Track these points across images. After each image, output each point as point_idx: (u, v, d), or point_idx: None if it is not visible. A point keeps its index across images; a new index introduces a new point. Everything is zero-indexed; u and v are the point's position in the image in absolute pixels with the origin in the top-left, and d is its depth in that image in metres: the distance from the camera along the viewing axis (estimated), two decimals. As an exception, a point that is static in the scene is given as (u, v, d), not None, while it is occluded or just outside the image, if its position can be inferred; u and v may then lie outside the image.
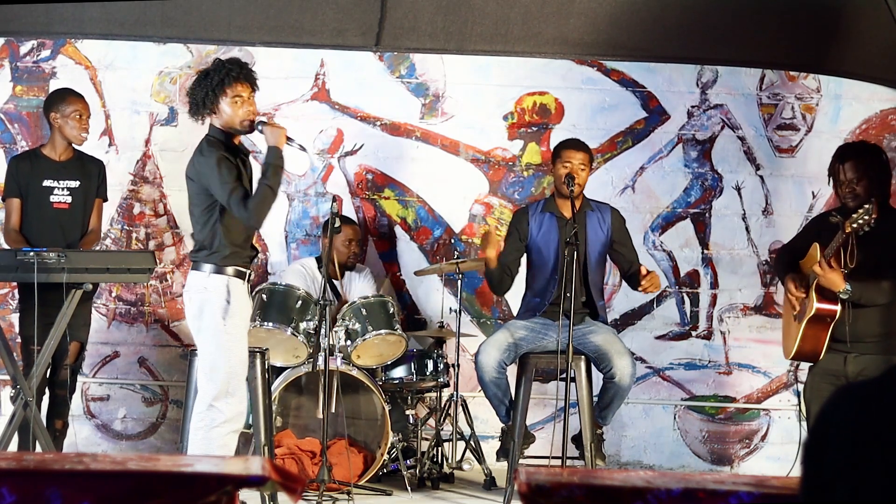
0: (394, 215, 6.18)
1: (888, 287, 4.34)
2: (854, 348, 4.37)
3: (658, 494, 2.13)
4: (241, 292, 4.31)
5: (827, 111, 6.15)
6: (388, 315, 5.40)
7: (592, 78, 6.16)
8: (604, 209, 5.28)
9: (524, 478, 2.22)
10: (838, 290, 4.27)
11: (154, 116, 6.08)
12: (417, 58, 6.14)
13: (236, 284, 4.29)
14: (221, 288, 4.27)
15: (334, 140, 6.14)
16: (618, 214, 5.30)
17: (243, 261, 4.35)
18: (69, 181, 5.10)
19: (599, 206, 5.29)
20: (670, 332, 6.17)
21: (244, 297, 4.35)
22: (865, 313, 4.34)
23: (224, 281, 4.27)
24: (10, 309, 5.86)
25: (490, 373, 5.07)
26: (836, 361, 4.39)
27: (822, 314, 4.34)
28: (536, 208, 5.31)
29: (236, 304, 4.27)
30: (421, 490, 5.33)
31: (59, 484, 2.14)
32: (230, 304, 4.25)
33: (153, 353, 6.10)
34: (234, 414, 4.26)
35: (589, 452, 5.04)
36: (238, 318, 4.29)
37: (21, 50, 6.05)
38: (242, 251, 4.35)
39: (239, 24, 5.94)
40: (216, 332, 4.24)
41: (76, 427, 5.68)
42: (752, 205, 6.15)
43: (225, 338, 4.25)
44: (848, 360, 4.37)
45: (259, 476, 2.23)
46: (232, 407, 4.25)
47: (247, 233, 4.38)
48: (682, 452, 6.16)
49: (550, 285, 5.18)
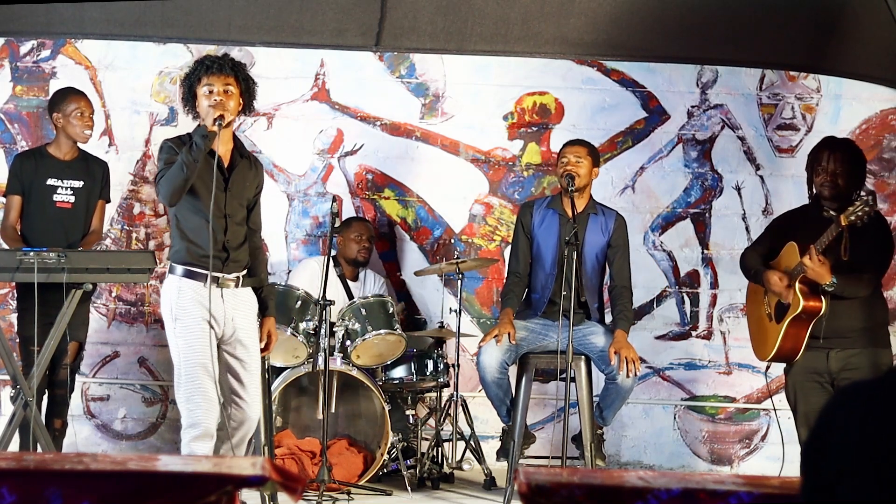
0: (394, 215, 6.18)
1: (868, 279, 4.36)
2: (835, 344, 4.36)
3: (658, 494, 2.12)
4: (193, 294, 4.14)
5: (827, 111, 6.15)
6: (387, 315, 5.41)
7: (592, 78, 6.16)
8: (609, 215, 5.27)
9: (524, 478, 2.22)
10: (824, 282, 4.26)
11: (154, 116, 6.08)
12: (417, 58, 6.14)
13: (188, 285, 4.16)
14: (170, 289, 4.21)
15: (334, 140, 6.15)
16: (622, 223, 5.27)
17: (199, 261, 4.14)
18: (73, 181, 5.11)
19: (605, 211, 5.29)
20: (670, 332, 6.17)
21: (198, 299, 4.13)
22: (844, 308, 4.34)
23: (174, 282, 4.19)
24: (10, 309, 5.86)
25: (492, 373, 5.07)
26: (818, 359, 4.38)
27: (809, 311, 4.33)
28: (542, 203, 5.34)
29: (188, 305, 4.14)
30: (421, 490, 5.33)
31: (59, 484, 2.14)
32: (178, 306, 4.15)
33: (153, 353, 6.09)
34: (193, 420, 4.13)
35: (589, 452, 5.04)
36: (190, 320, 4.14)
37: (21, 50, 6.05)
38: (198, 249, 4.15)
39: (239, 24, 5.94)
40: (168, 334, 4.21)
41: (76, 427, 5.68)
42: (752, 205, 6.15)
43: (174, 341, 4.18)
44: (830, 357, 4.36)
45: (259, 476, 2.23)
46: (191, 413, 4.14)
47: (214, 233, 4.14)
48: (682, 452, 6.16)
49: (549, 282, 5.19)
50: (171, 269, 4.22)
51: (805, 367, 4.42)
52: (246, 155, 4.40)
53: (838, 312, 4.33)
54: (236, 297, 4.28)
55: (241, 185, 4.32)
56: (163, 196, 4.20)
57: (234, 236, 4.27)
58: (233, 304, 4.25)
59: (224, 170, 4.26)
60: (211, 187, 4.11)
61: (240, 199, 4.31)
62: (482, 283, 6.16)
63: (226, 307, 4.22)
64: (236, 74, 4.23)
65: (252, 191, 4.39)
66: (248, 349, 4.31)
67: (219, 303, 4.19)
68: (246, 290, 4.35)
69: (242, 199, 4.33)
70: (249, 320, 4.34)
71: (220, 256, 4.20)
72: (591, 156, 5.20)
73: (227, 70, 4.20)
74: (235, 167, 4.30)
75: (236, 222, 4.29)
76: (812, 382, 4.39)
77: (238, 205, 4.30)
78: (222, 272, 4.22)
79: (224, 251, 4.23)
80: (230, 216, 4.25)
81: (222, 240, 4.22)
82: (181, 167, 4.07)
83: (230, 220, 4.25)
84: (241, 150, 4.38)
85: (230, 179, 4.26)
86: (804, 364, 4.42)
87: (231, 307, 4.25)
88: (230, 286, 4.25)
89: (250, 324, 4.34)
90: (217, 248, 4.18)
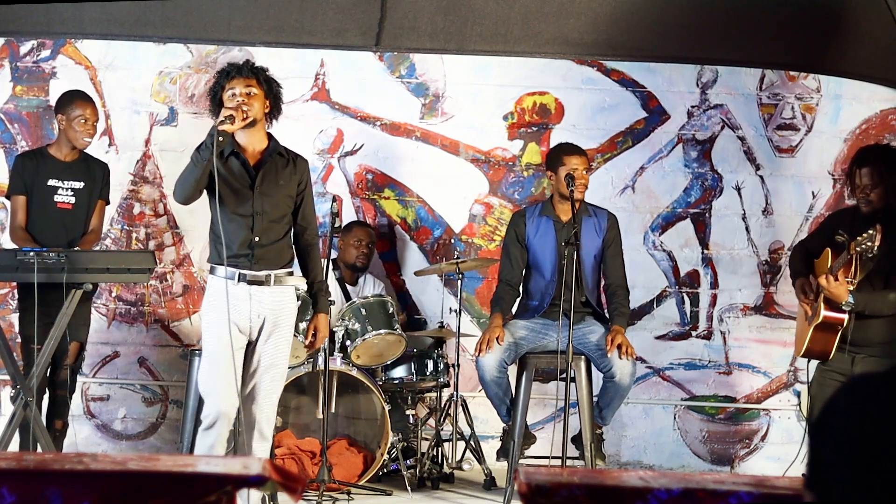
0: (394, 215, 6.18)
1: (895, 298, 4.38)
2: (863, 351, 4.42)
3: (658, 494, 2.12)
4: (218, 290, 4.22)
5: (827, 111, 6.15)
6: (387, 315, 5.41)
7: (592, 78, 6.16)
8: (601, 214, 5.29)
9: (524, 478, 2.22)
10: (841, 302, 4.31)
11: (154, 116, 6.08)
12: (417, 58, 6.14)
13: (216, 284, 4.26)
14: (207, 288, 4.36)
15: (334, 140, 6.15)
16: (614, 222, 5.30)
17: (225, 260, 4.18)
18: (73, 182, 5.10)
19: (597, 211, 5.30)
20: (670, 332, 6.17)
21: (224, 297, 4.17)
22: (876, 320, 4.39)
23: (209, 282, 4.34)
24: (10, 309, 5.86)
25: (491, 372, 5.07)
26: (845, 361, 4.43)
27: (830, 322, 4.40)
28: (534, 211, 5.33)
29: (213, 300, 4.25)
30: (421, 490, 5.33)
31: (59, 484, 2.14)
32: (208, 303, 4.29)
33: (153, 353, 6.09)
34: (203, 413, 4.26)
35: (589, 452, 5.04)
36: (212, 316, 4.25)
37: (21, 50, 6.05)
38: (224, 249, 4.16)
39: (239, 24, 5.94)
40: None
41: (76, 427, 5.68)
42: (752, 205, 6.15)
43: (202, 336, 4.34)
44: (856, 361, 4.42)
45: (259, 476, 2.23)
46: (204, 406, 4.27)
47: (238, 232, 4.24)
48: (682, 452, 6.16)
49: (549, 289, 5.20)
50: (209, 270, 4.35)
51: (832, 367, 4.48)
52: (283, 153, 4.40)
53: (871, 324, 4.39)
54: (267, 295, 4.28)
55: (273, 182, 4.32)
56: (176, 197, 4.28)
57: (265, 234, 4.29)
58: (263, 303, 4.27)
59: (249, 168, 4.30)
60: (236, 187, 4.23)
61: (273, 196, 4.32)
62: (482, 283, 6.16)
63: (252, 304, 4.24)
64: (257, 77, 4.28)
65: (292, 188, 4.38)
66: (276, 349, 4.30)
67: (244, 301, 4.22)
68: (281, 289, 4.33)
69: (278, 197, 4.33)
70: (281, 319, 4.32)
71: (246, 254, 4.25)
72: (589, 165, 5.25)
73: (246, 73, 4.26)
74: (265, 165, 4.32)
75: (271, 220, 4.30)
76: (833, 380, 4.44)
77: (271, 203, 4.31)
78: (250, 269, 4.25)
79: (249, 249, 4.26)
80: (260, 214, 4.28)
81: (249, 238, 4.26)
82: (193, 164, 4.15)
83: (261, 218, 4.28)
84: (277, 148, 4.39)
85: (258, 177, 4.29)
86: (832, 364, 4.48)
87: (260, 305, 4.26)
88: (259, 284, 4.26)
89: (282, 323, 4.32)
90: (243, 246, 4.24)
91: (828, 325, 4.40)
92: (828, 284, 4.31)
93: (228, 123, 4.12)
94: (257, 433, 4.29)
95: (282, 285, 4.32)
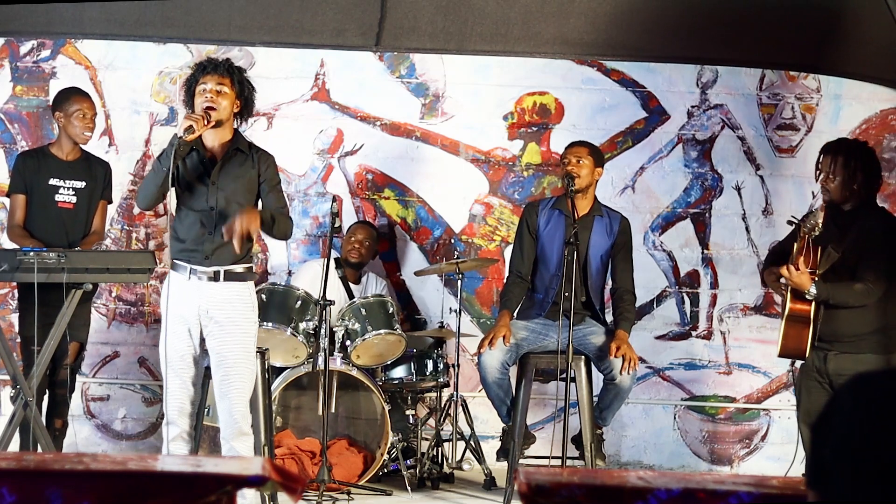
0: (394, 215, 6.18)
1: (861, 289, 4.30)
2: (835, 347, 4.35)
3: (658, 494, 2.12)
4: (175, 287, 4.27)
5: (827, 111, 6.15)
6: (387, 315, 5.41)
7: (592, 78, 6.16)
8: (614, 217, 5.27)
9: (524, 478, 2.22)
10: (804, 290, 4.27)
11: (154, 116, 6.08)
12: (417, 58, 6.14)
13: (173, 278, 4.31)
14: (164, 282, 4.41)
15: (334, 140, 6.15)
16: (627, 226, 5.26)
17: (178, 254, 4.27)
18: (75, 181, 5.10)
19: (611, 213, 5.28)
20: (670, 332, 6.17)
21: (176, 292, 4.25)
22: (843, 312, 4.32)
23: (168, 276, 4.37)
24: (10, 309, 5.86)
25: (493, 373, 5.07)
26: (819, 359, 4.38)
27: (798, 314, 4.34)
28: (547, 204, 5.33)
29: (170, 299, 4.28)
30: (421, 490, 5.33)
31: (59, 484, 2.14)
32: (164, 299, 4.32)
33: (153, 353, 6.08)
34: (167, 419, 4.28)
35: (589, 452, 5.04)
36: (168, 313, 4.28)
37: (21, 50, 6.05)
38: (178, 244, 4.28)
39: (239, 24, 5.94)
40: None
41: (76, 427, 5.68)
42: (752, 205, 6.15)
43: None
44: (828, 358, 4.35)
45: (259, 476, 2.23)
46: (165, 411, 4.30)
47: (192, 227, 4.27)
48: (682, 452, 6.16)
49: (553, 283, 5.19)
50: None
51: (809, 366, 4.44)
52: (243, 149, 4.39)
53: (839, 316, 4.32)
54: (217, 290, 4.29)
55: (229, 178, 4.32)
56: (138, 203, 4.39)
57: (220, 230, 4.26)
58: (211, 299, 4.27)
59: (206, 164, 4.31)
60: (192, 183, 4.29)
61: (230, 192, 4.31)
62: (482, 283, 6.16)
63: (200, 301, 4.26)
64: (231, 76, 4.28)
65: (252, 183, 4.37)
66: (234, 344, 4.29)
67: (193, 298, 4.26)
68: (232, 285, 4.31)
69: (236, 193, 4.32)
70: (234, 315, 4.30)
71: (198, 249, 4.27)
72: (593, 156, 5.19)
73: (221, 70, 4.28)
74: (227, 162, 4.32)
75: (226, 215, 4.27)
76: (813, 381, 4.40)
77: (226, 198, 4.30)
78: (201, 265, 4.27)
79: (202, 244, 4.28)
80: (215, 209, 4.28)
81: (202, 233, 4.28)
82: (154, 171, 4.21)
83: (216, 214, 4.28)
84: (237, 144, 4.38)
85: (214, 173, 4.30)
86: (809, 363, 4.44)
87: (209, 301, 4.27)
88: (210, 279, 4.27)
89: (235, 319, 4.30)
90: (197, 241, 4.27)
91: (796, 317, 4.33)
92: (790, 274, 4.25)
93: (189, 134, 4.14)
94: (235, 430, 4.30)
95: (234, 281, 4.32)
